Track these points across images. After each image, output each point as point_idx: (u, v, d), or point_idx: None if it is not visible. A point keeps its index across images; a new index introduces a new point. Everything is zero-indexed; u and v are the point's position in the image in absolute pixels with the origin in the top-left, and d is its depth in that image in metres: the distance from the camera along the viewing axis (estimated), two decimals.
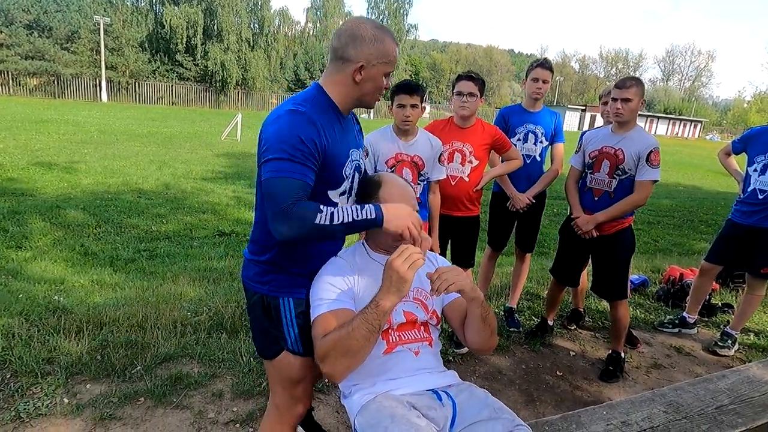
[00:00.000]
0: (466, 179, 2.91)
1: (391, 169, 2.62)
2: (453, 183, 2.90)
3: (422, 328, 1.58)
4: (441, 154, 2.73)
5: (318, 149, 1.35)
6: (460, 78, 2.87)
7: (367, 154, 2.57)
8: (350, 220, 1.32)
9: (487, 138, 2.91)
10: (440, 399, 1.46)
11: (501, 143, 2.95)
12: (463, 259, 3.08)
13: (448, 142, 2.88)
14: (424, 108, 2.61)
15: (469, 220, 3.01)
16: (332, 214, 1.31)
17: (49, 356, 2.51)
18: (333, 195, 1.48)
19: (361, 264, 1.57)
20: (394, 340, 1.53)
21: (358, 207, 1.36)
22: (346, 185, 1.50)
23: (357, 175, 1.57)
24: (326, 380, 2.48)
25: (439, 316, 1.65)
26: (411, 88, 2.55)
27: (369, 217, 1.35)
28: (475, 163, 2.90)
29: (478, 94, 2.83)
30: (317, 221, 1.29)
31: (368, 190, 1.57)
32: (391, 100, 2.60)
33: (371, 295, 1.39)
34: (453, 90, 2.91)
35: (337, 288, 1.48)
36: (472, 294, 1.45)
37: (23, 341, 2.60)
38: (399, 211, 1.38)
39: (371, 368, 1.50)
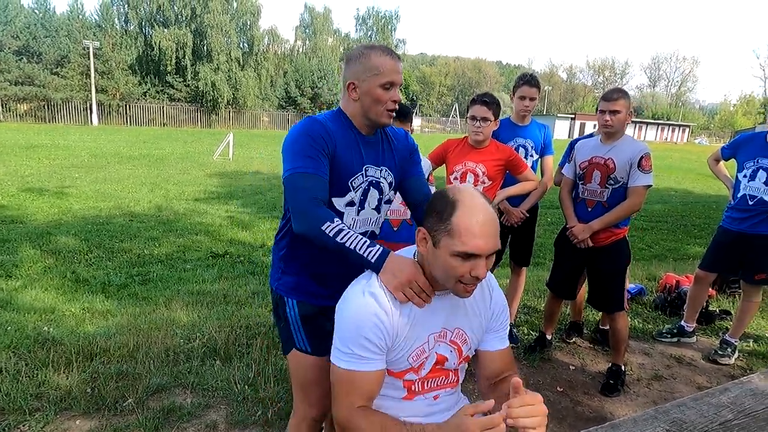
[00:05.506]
0: None
1: None
2: None
3: (451, 374, 1.45)
4: (430, 173, 2.72)
5: (327, 147, 1.41)
6: (474, 102, 2.85)
7: None
8: (351, 247, 1.28)
9: (501, 159, 2.90)
10: None
11: (515, 164, 2.94)
12: None
13: (461, 162, 2.89)
14: (413, 129, 2.60)
15: None
16: (339, 230, 1.30)
17: (38, 391, 2.44)
18: (338, 203, 1.49)
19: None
20: (416, 389, 1.41)
21: (367, 243, 1.30)
22: (352, 196, 1.50)
23: (373, 190, 1.55)
24: None
25: (470, 358, 1.50)
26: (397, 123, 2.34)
27: (370, 258, 1.28)
28: (488, 183, 2.89)
29: (492, 118, 2.83)
30: (323, 228, 1.30)
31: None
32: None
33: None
34: (467, 112, 2.89)
35: (371, 342, 1.24)
36: None
37: (11, 376, 2.53)
38: (401, 268, 1.24)
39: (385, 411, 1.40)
